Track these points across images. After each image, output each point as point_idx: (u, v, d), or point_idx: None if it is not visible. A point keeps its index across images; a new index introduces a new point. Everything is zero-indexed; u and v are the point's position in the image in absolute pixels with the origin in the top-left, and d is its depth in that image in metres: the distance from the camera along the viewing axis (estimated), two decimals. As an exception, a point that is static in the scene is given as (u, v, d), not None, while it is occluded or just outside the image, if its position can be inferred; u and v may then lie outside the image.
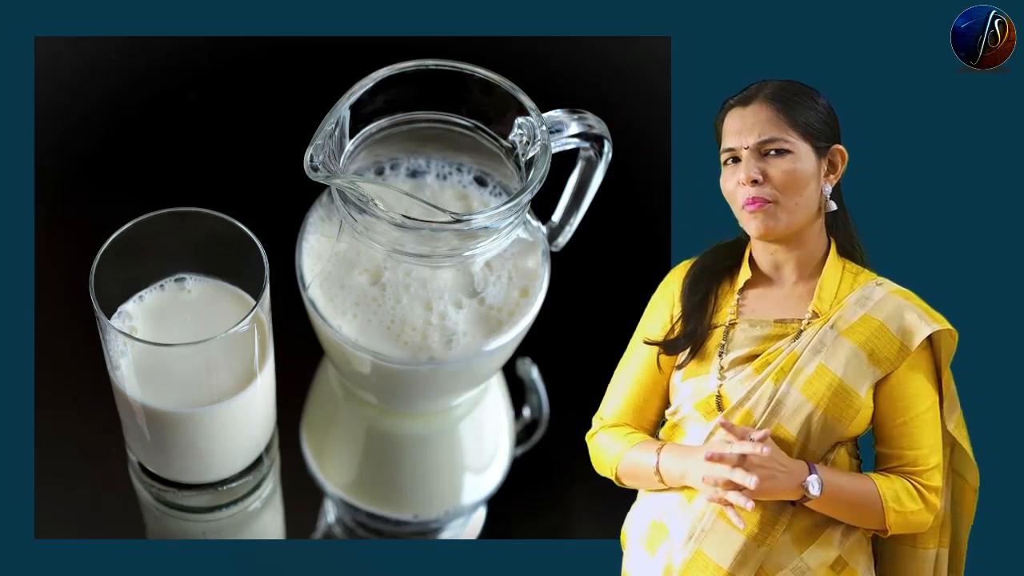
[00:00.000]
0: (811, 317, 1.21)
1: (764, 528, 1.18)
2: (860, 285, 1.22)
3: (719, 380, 1.21)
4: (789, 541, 1.19)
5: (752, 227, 1.21)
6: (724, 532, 1.18)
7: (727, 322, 1.23)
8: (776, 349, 1.21)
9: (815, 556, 1.19)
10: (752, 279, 1.25)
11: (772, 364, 1.20)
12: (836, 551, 1.19)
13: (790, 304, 1.23)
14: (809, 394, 1.19)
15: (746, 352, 1.21)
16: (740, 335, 1.22)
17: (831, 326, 1.20)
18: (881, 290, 1.22)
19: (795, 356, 1.20)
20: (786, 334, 1.21)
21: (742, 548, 1.18)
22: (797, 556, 1.18)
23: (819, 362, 1.19)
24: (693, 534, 1.19)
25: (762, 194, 1.20)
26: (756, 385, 1.20)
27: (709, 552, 1.19)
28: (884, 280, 1.23)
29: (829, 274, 1.23)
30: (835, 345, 1.20)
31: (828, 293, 1.22)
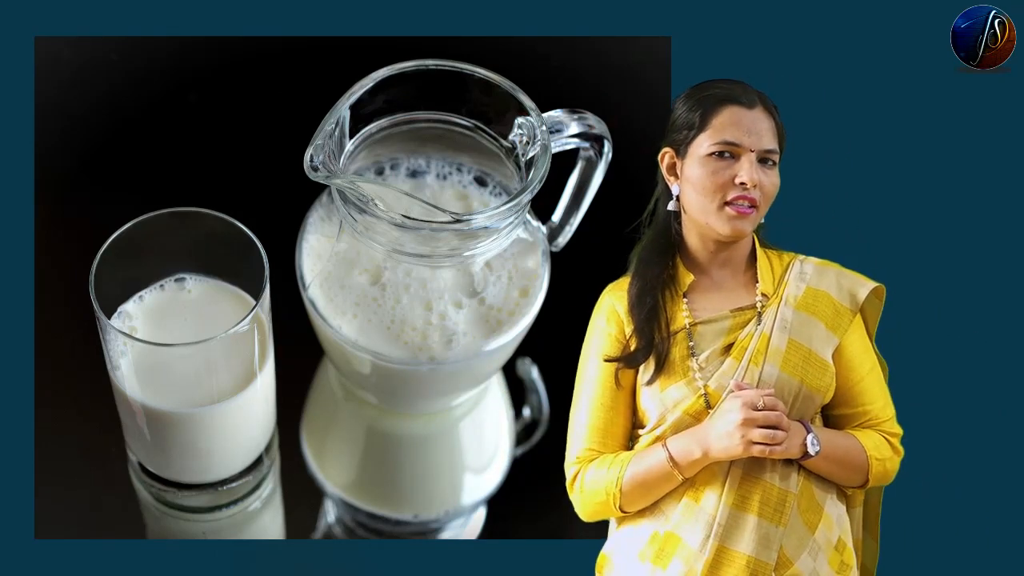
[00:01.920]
0: (762, 299, 1.24)
1: (777, 508, 1.19)
2: (786, 263, 1.26)
3: (701, 379, 1.22)
4: (800, 521, 1.20)
5: (729, 228, 1.22)
6: (742, 520, 1.19)
7: (685, 325, 1.24)
8: (747, 335, 1.23)
9: (823, 536, 1.21)
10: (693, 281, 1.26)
11: (748, 348, 1.22)
12: (836, 531, 1.22)
13: (737, 295, 1.25)
14: (789, 370, 1.22)
15: (719, 345, 1.23)
16: (705, 333, 1.23)
17: (785, 303, 1.24)
18: (809, 264, 1.26)
19: (766, 336, 1.22)
20: (748, 320, 1.24)
21: (762, 530, 1.19)
22: (810, 536, 1.20)
23: (788, 337, 1.22)
24: (711, 532, 1.20)
25: (754, 198, 1.22)
26: (740, 371, 1.21)
27: (731, 544, 1.19)
28: (801, 255, 1.27)
29: (762, 260, 1.26)
30: (796, 320, 1.23)
31: (768, 276, 1.25)
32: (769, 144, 1.23)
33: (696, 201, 1.23)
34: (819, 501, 1.22)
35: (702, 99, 1.24)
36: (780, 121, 1.25)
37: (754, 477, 1.20)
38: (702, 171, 1.23)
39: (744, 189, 1.21)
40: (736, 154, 1.22)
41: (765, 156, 1.23)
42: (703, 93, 1.24)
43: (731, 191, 1.22)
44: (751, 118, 1.23)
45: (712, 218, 1.23)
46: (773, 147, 1.23)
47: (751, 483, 1.20)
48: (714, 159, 1.23)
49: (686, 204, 1.25)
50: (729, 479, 1.20)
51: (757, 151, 1.22)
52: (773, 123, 1.24)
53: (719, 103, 1.23)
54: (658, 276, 1.26)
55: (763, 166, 1.23)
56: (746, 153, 1.22)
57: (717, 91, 1.24)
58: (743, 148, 1.22)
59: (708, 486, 1.20)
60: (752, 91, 1.24)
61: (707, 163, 1.23)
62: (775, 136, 1.23)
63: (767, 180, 1.22)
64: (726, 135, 1.23)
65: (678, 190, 1.25)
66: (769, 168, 1.23)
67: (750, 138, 1.22)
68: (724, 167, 1.22)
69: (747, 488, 1.20)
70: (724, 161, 1.22)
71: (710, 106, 1.23)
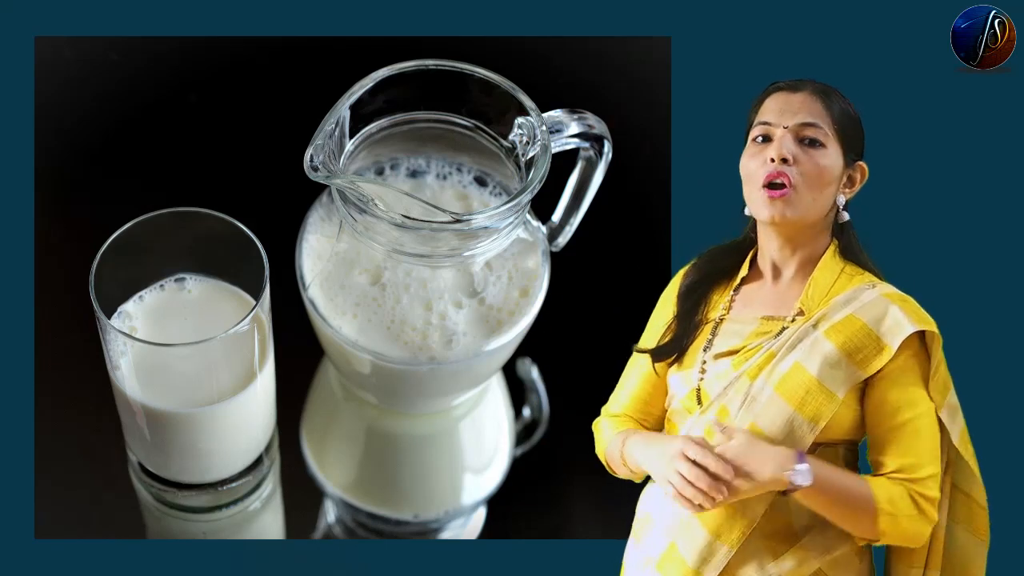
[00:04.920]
0: (795, 315, 1.20)
1: (727, 522, 1.16)
2: (854, 284, 1.20)
3: (700, 375, 1.21)
4: (760, 544, 1.16)
5: (766, 212, 1.18)
6: (691, 526, 1.17)
7: (717, 318, 1.23)
8: (756, 346, 1.19)
9: (787, 564, 1.16)
10: (749, 276, 1.24)
11: (750, 361, 1.19)
12: (816, 563, 1.16)
13: (781, 301, 1.21)
14: (783, 392, 1.17)
15: (728, 348, 1.20)
16: (727, 331, 1.21)
17: (812, 324, 1.18)
18: (874, 292, 1.19)
19: (772, 354, 1.18)
20: (769, 331, 1.20)
21: (707, 544, 1.16)
22: (770, 562, 1.16)
23: (795, 360, 1.17)
24: (672, 525, 1.18)
25: (788, 173, 1.18)
26: (732, 381, 1.19)
27: (680, 546, 1.17)
28: (881, 283, 1.20)
29: (822, 273, 1.20)
30: (813, 344, 1.17)
31: (818, 291, 1.20)
32: (804, 119, 1.19)
33: (745, 193, 1.21)
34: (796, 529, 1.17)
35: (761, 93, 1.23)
36: (844, 106, 1.20)
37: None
38: (743, 160, 1.21)
39: (773, 165, 1.18)
40: (770, 134, 1.20)
41: (803, 134, 1.19)
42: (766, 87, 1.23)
43: (764, 172, 1.19)
44: (792, 100, 1.20)
45: (756, 206, 1.20)
46: (812, 120, 1.19)
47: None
48: (754, 144, 1.20)
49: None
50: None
51: (790, 127, 1.19)
52: (821, 104, 1.20)
53: (767, 93, 1.22)
54: (715, 269, 1.24)
55: (803, 144, 1.19)
56: (778, 130, 1.19)
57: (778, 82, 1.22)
58: (774, 126, 1.19)
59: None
60: (809, 80, 1.22)
61: (748, 149, 1.21)
62: (821, 114, 1.19)
63: (807, 159, 1.18)
64: (761, 117, 1.21)
65: None
66: (810, 146, 1.19)
67: (781, 116, 1.19)
68: (759, 151, 1.20)
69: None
70: (761, 146, 1.20)
71: (759, 98, 1.22)
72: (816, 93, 1.21)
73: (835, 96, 1.22)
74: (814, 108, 1.20)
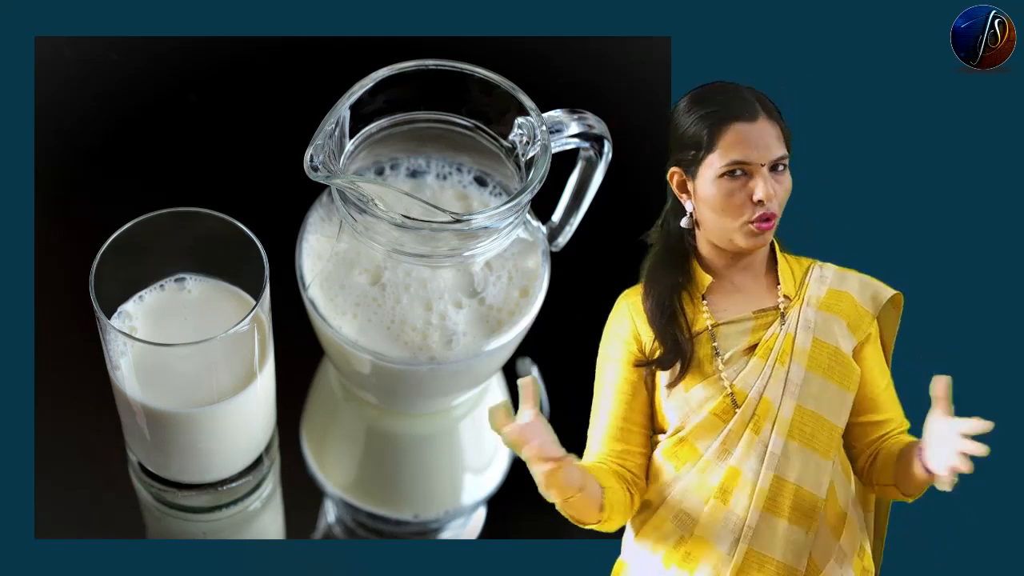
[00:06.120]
0: (785, 301, 1.24)
1: (807, 513, 1.20)
2: (806, 267, 1.26)
3: (727, 378, 1.22)
4: (827, 528, 1.21)
5: (752, 242, 1.22)
6: (772, 524, 1.19)
7: (708, 327, 1.23)
8: (771, 335, 1.22)
9: (848, 542, 1.21)
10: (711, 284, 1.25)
11: (774, 348, 1.22)
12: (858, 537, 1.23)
13: (758, 297, 1.24)
14: (816, 368, 1.21)
15: (743, 346, 1.22)
16: (728, 334, 1.23)
17: (807, 304, 1.23)
18: (829, 269, 1.26)
19: (791, 337, 1.22)
20: (771, 321, 1.23)
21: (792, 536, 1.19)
22: (835, 543, 1.21)
23: (813, 337, 1.22)
24: (739, 536, 1.20)
25: (772, 210, 1.21)
26: (766, 371, 1.21)
27: (762, 548, 1.20)
28: (820, 261, 1.27)
29: (783, 264, 1.25)
30: (819, 319, 1.23)
31: (790, 278, 1.25)
32: (778, 152, 1.21)
33: (714, 220, 1.22)
34: (843, 506, 1.22)
35: (704, 116, 1.22)
36: (783, 122, 1.23)
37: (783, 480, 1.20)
38: (717, 192, 1.21)
39: (763, 206, 1.20)
40: (748, 171, 1.21)
41: (776, 163, 1.21)
42: (704, 110, 1.22)
43: (750, 210, 1.21)
44: (756, 132, 1.21)
45: (734, 235, 1.22)
46: (782, 153, 1.22)
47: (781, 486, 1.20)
48: (727, 180, 1.21)
49: (703, 222, 1.23)
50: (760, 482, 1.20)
51: (768, 163, 1.21)
52: (778, 129, 1.22)
53: (722, 122, 1.21)
54: (675, 282, 1.25)
55: (775, 173, 1.21)
56: (757, 169, 1.21)
57: (717, 108, 1.22)
58: (754, 164, 1.21)
59: (737, 488, 1.20)
60: (751, 99, 1.22)
61: (721, 184, 1.21)
62: (782, 141, 1.22)
63: (780, 187, 1.21)
64: (735, 155, 1.21)
65: (691, 207, 1.24)
66: (780, 173, 1.22)
67: (759, 152, 1.21)
68: (739, 187, 1.21)
69: (776, 491, 1.20)
70: (737, 180, 1.21)
71: (714, 125, 1.21)
72: (769, 116, 1.22)
73: (773, 108, 1.23)
74: (775, 134, 1.22)
